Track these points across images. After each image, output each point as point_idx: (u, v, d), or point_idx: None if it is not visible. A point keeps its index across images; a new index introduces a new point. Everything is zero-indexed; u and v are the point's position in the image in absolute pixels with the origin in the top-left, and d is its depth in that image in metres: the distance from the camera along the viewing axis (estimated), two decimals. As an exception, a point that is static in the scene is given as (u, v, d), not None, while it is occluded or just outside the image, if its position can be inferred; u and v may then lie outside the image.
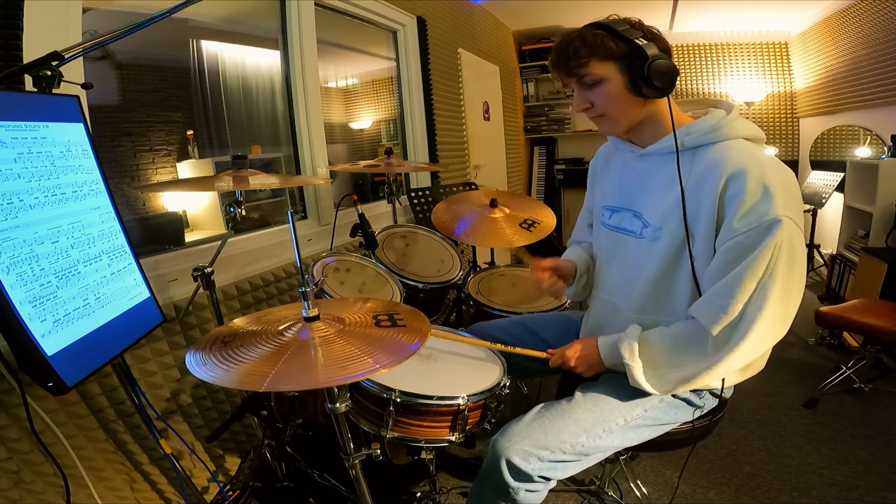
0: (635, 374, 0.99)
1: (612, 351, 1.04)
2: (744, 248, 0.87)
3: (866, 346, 2.15)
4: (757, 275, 0.86)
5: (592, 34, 0.94)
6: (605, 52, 0.94)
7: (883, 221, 2.80)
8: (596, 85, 0.97)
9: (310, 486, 1.51)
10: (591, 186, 1.30)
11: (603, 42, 0.93)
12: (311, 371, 0.76)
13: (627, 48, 0.93)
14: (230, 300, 1.63)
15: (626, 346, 1.00)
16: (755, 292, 0.87)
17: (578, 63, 0.95)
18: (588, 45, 0.94)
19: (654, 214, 1.03)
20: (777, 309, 0.87)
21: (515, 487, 0.99)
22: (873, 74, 3.30)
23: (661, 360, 0.99)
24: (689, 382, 0.96)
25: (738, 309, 0.88)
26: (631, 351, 0.99)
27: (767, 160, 0.91)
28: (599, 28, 0.95)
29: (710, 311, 0.92)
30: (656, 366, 0.99)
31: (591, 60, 0.94)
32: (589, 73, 0.95)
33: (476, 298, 1.79)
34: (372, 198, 2.79)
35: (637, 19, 0.97)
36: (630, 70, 0.94)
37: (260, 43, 2.19)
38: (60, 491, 1.07)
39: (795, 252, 0.87)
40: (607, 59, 0.94)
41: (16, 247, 0.77)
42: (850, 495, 1.58)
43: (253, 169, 1.37)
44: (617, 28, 0.93)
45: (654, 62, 0.91)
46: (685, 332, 0.98)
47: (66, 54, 0.88)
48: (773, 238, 0.85)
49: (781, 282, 0.86)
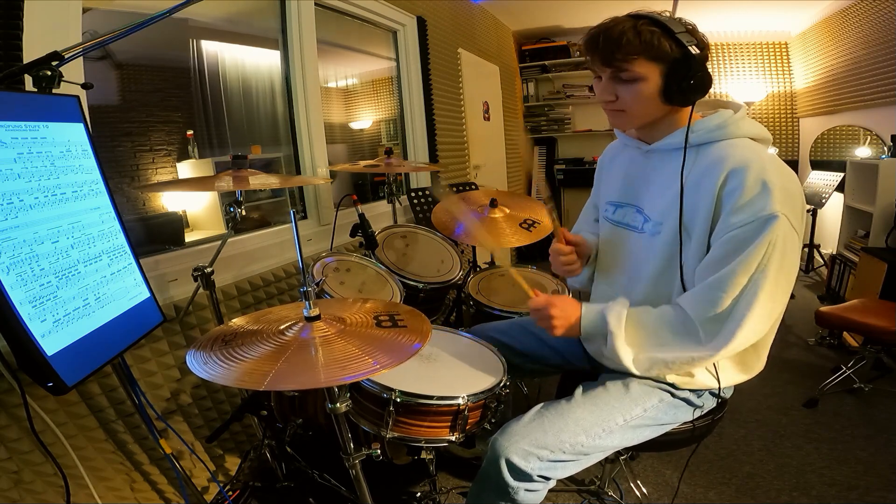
0: (616, 343, 0.95)
1: (597, 317, 1.00)
2: (739, 242, 0.87)
3: (866, 346, 2.15)
4: (749, 270, 0.86)
5: (649, 31, 0.89)
6: (656, 52, 0.89)
7: (883, 221, 2.80)
8: (631, 82, 0.93)
9: (310, 486, 1.51)
10: (597, 182, 1.29)
11: (659, 42, 0.89)
12: (312, 371, 0.76)
13: (679, 53, 0.89)
14: (230, 300, 1.63)
15: (613, 313, 0.97)
16: (746, 287, 0.87)
17: (625, 57, 0.90)
18: (643, 42, 0.88)
19: (656, 210, 1.03)
20: (766, 306, 0.87)
21: (515, 487, 0.99)
22: (873, 74, 3.30)
23: (643, 336, 0.97)
24: (667, 366, 0.95)
25: (728, 303, 0.88)
26: (619, 318, 0.97)
27: (770, 159, 0.91)
28: (655, 24, 0.90)
29: (700, 303, 0.91)
30: (637, 343, 0.97)
31: (640, 58, 0.90)
32: (631, 69, 0.91)
33: (476, 298, 1.79)
34: (372, 198, 2.79)
35: (692, 23, 0.93)
36: (671, 76, 0.90)
37: (260, 43, 2.19)
38: (60, 491, 1.07)
39: (788, 251, 0.87)
40: (655, 60, 0.90)
41: (16, 247, 0.77)
42: (850, 495, 1.58)
43: (253, 169, 1.37)
44: (674, 29, 0.89)
45: (697, 74, 0.88)
46: (672, 315, 0.96)
47: (66, 54, 0.88)
48: (769, 234, 0.85)
49: (772, 279, 0.86)
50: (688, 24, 0.92)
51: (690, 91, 0.91)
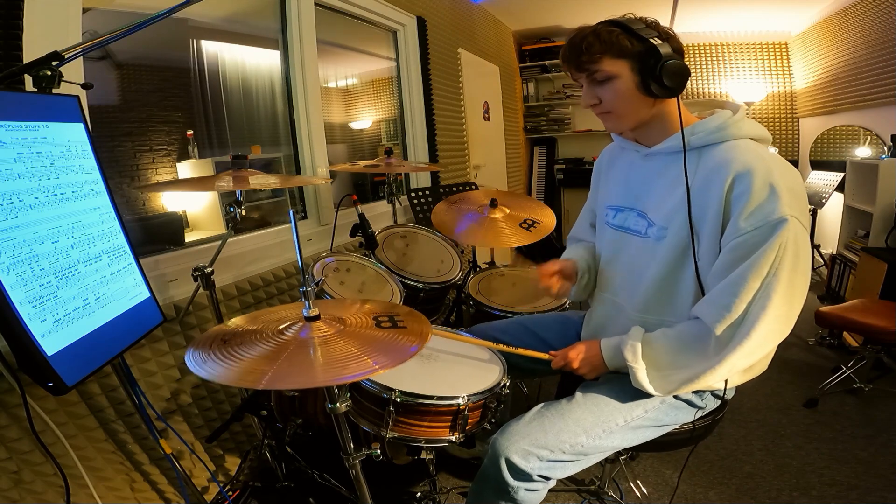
0: (639, 377, 0.98)
1: (615, 353, 1.03)
2: (749, 247, 0.87)
3: (866, 346, 2.15)
4: (761, 274, 0.86)
5: (607, 31, 0.94)
6: (618, 49, 0.93)
7: (883, 221, 2.80)
8: (606, 81, 0.96)
9: (310, 486, 1.51)
10: (595, 186, 1.29)
11: (617, 39, 0.93)
12: (311, 370, 0.76)
13: (641, 47, 0.92)
14: (230, 300, 1.63)
15: (629, 347, 1.00)
16: (759, 291, 0.87)
17: (591, 59, 0.95)
18: (602, 42, 0.93)
19: (660, 214, 1.03)
20: (780, 308, 0.87)
21: (515, 486, 0.99)
22: (873, 74, 3.30)
23: (664, 361, 0.99)
24: (692, 383, 0.96)
25: (742, 308, 0.88)
26: (634, 353, 0.99)
27: (773, 160, 0.91)
28: (614, 25, 0.95)
29: (714, 310, 0.91)
30: (659, 367, 0.99)
31: (604, 57, 0.94)
32: (600, 69, 0.95)
33: (476, 298, 1.79)
34: (372, 198, 2.79)
35: (653, 19, 0.96)
36: (642, 69, 0.94)
37: (260, 43, 2.19)
38: (60, 491, 1.07)
39: (800, 252, 0.87)
40: (620, 57, 0.94)
41: (16, 247, 0.77)
42: (850, 495, 1.58)
43: (253, 169, 1.37)
44: (632, 26, 0.93)
45: (666, 62, 0.90)
46: (688, 332, 0.98)
47: (66, 54, 0.88)
48: (779, 237, 0.85)
49: (786, 281, 0.86)
50: (648, 21, 0.96)
51: (665, 80, 0.91)
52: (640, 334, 1.02)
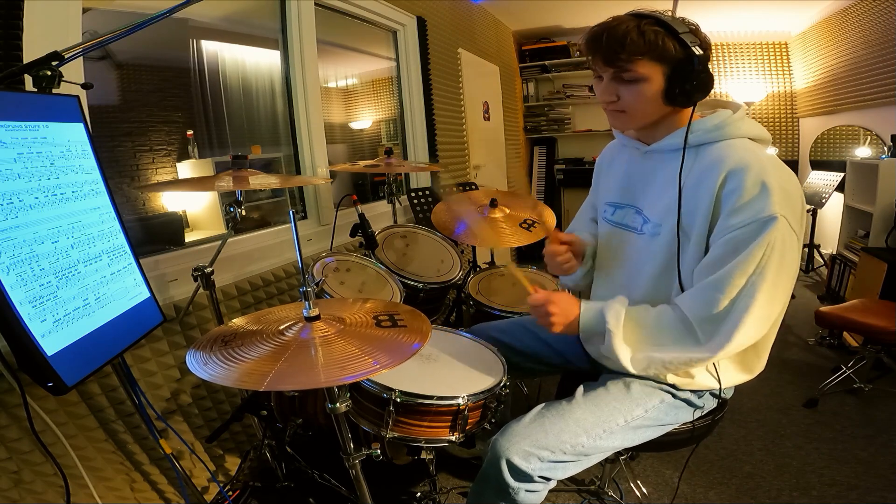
0: (614, 342, 0.95)
1: (595, 315, 0.99)
2: (737, 244, 0.87)
3: (866, 346, 2.15)
4: (747, 271, 0.86)
5: (653, 31, 0.88)
6: (659, 53, 0.89)
7: (883, 221, 2.80)
8: (633, 82, 0.93)
9: (310, 486, 1.51)
10: (596, 183, 1.29)
11: (662, 42, 0.88)
12: (312, 371, 0.76)
13: (682, 54, 0.89)
14: (230, 300, 1.63)
15: (612, 311, 0.97)
16: (743, 289, 0.87)
17: (629, 57, 0.89)
18: (647, 42, 0.88)
19: (655, 211, 1.03)
20: (763, 308, 0.87)
21: (515, 487, 0.99)
22: (873, 74, 3.30)
23: (641, 335, 0.96)
24: (665, 367, 0.94)
25: (725, 304, 0.88)
26: (617, 317, 0.96)
27: (769, 160, 0.90)
28: (659, 24, 0.89)
29: (697, 303, 0.91)
30: (635, 342, 0.96)
31: (644, 59, 0.89)
32: (634, 70, 0.90)
33: (476, 298, 1.79)
34: (372, 198, 2.79)
35: (695, 23, 0.92)
36: (674, 77, 0.90)
37: (260, 43, 2.19)
38: (60, 491, 1.07)
39: (787, 252, 0.86)
40: (658, 61, 0.90)
41: (16, 247, 0.77)
42: (850, 495, 1.58)
43: (253, 169, 1.37)
44: (677, 29, 0.88)
45: (700, 74, 0.88)
46: (671, 315, 0.95)
47: (66, 54, 0.88)
48: (767, 235, 0.85)
49: (771, 281, 0.86)
50: (691, 25, 0.92)
51: (693, 92, 0.90)
52: (625, 302, 1.00)
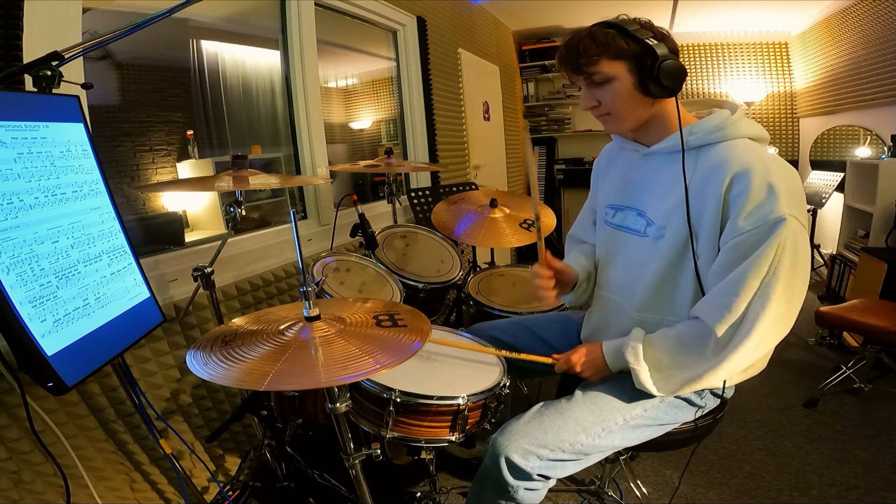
0: (642, 379, 0.99)
1: (617, 355, 1.04)
2: (748, 247, 0.87)
3: (866, 346, 2.15)
4: (760, 273, 0.87)
5: (603, 33, 0.94)
6: (615, 50, 0.93)
7: (883, 221, 2.80)
8: (604, 83, 0.97)
9: (310, 486, 1.51)
10: (595, 185, 1.30)
11: (613, 41, 0.93)
12: (312, 371, 0.76)
13: (637, 48, 0.93)
14: (230, 300, 1.63)
15: (630, 350, 1.00)
16: (758, 291, 0.87)
17: (588, 61, 0.95)
18: (598, 44, 0.93)
19: (658, 213, 1.03)
20: (780, 308, 0.87)
21: (515, 486, 0.99)
22: (873, 74, 3.30)
23: (665, 362, 0.99)
24: (694, 383, 0.96)
25: (742, 308, 0.88)
26: (636, 355, 0.99)
27: (772, 159, 0.91)
28: (610, 27, 0.95)
29: (714, 310, 0.92)
30: (661, 368, 0.99)
31: (601, 59, 0.94)
32: (598, 71, 0.95)
33: (476, 298, 1.79)
34: (372, 198, 2.79)
35: (647, 20, 0.97)
36: (639, 70, 0.94)
37: (260, 43, 2.19)
38: (60, 491, 1.07)
39: (799, 251, 0.87)
40: (617, 58, 0.94)
41: (16, 247, 0.77)
42: (850, 495, 1.58)
43: (253, 169, 1.37)
44: (627, 27, 0.93)
45: (663, 62, 0.91)
46: (688, 333, 0.98)
47: (66, 54, 0.88)
48: (778, 237, 0.85)
49: (785, 280, 0.86)
50: (642, 21, 0.96)
51: (663, 79, 0.92)
52: (640, 335, 1.02)
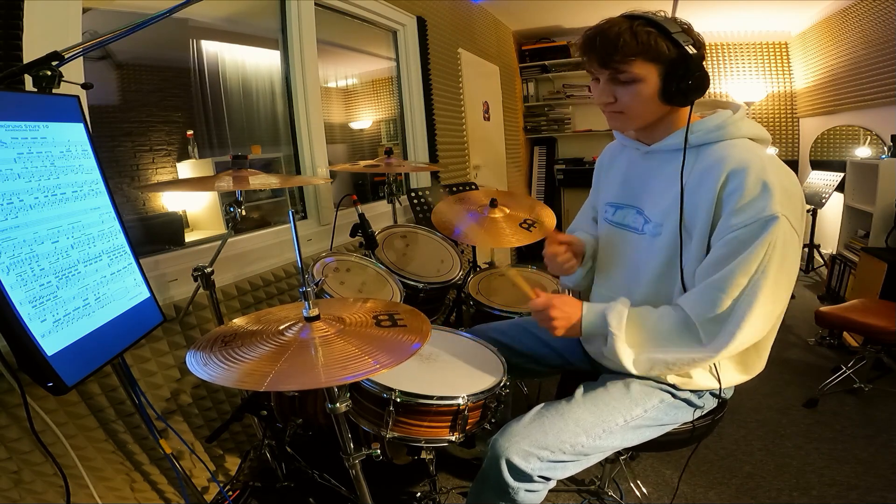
0: (616, 344, 0.95)
1: (598, 317, 0.99)
2: (739, 244, 0.87)
3: (866, 346, 2.15)
4: (749, 271, 0.86)
5: (645, 31, 0.89)
6: (654, 53, 0.89)
7: (883, 221, 2.80)
8: (629, 83, 0.93)
9: (310, 486, 1.51)
10: (597, 183, 1.29)
11: (655, 43, 0.89)
12: (312, 371, 0.76)
13: (676, 53, 0.89)
14: (230, 300, 1.63)
15: (614, 313, 0.97)
16: (746, 288, 0.87)
17: (623, 59, 0.90)
18: (639, 43, 0.89)
19: (656, 211, 1.03)
20: (766, 307, 0.87)
21: (515, 487, 0.99)
22: (873, 74, 3.30)
23: (644, 337, 0.97)
24: (668, 367, 0.95)
25: (728, 304, 0.88)
26: (619, 319, 0.96)
27: (769, 159, 0.91)
28: (650, 24, 0.90)
29: (700, 304, 0.91)
30: (638, 343, 0.97)
31: (637, 59, 0.90)
32: (629, 71, 0.91)
33: (476, 298, 1.79)
34: (372, 198, 2.79)
35: (688, 23, 0.93)
36: (669, 76, 0.91)
37: (260, 43, 2.19)
38: (60, 491, 1.07)
39: (788, 251, 0.87)
40: (653, 61, 0.90)
41: (16, 247, 0.77)
42: (850, 495, 1.58)
43: (253, 169, 1.37)
44: (669, 29, 0.89)
45: (696, 74, 0.88)
46: (673, 316, 0.96)
47: (66, 54, 0.88)
48: (769, 235, 0.85)
49: (772, 280, 0.86)
50: (683, 24, 0.92)
51: (689, 91, 0.91)
52: (627, 304, 1.00)
